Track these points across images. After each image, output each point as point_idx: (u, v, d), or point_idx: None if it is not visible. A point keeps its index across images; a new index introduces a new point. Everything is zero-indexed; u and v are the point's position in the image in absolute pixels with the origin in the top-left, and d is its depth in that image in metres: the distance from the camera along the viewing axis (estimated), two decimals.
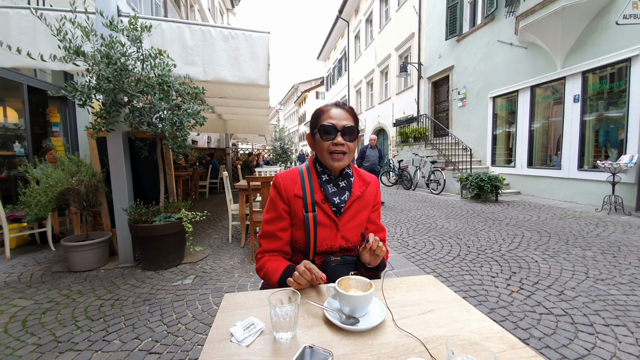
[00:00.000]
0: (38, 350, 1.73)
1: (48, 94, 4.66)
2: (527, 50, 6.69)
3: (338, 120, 1.05)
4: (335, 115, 1.06)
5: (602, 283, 2.44)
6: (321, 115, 1.09)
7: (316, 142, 1.10)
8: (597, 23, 5.34)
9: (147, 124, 2.78)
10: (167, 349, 1.72)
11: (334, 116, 1.06)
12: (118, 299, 2.35)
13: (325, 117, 1.07)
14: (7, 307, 2.24)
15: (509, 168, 7.49)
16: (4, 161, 4.31)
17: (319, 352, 0.58)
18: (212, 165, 9.12)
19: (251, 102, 5.53)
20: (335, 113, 1.07)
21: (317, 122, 1.09)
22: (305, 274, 0.88)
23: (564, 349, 1.66)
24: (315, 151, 1.13)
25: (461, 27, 8.72)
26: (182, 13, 10.26)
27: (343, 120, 1.06)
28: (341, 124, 1.05)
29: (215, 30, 2.99)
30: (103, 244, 3.04)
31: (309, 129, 1.16)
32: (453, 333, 0.72)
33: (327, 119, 1.06)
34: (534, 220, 4.57)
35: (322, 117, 1.08)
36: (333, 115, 1.06)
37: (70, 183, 2.82)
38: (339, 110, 1.07)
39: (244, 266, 3.02)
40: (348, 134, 1.06)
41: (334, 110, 1.07)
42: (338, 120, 1.05)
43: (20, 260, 3.28)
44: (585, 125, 5.73)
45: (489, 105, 7.96)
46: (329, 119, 1.06)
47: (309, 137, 1.15)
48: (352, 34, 17.31)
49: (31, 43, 2.67)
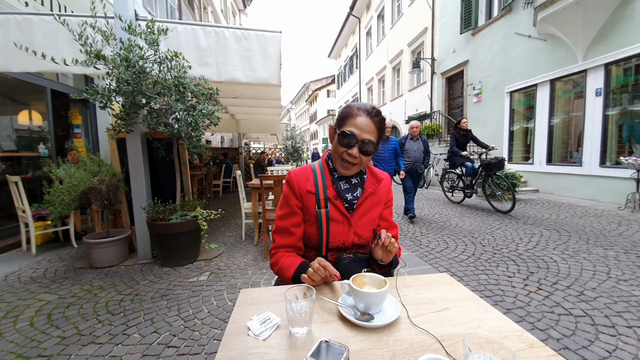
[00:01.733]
0: (62, 343, 1.81)
1: (70, 97, 4.89)
2: (546, 43, 6.46)
3: (362, 131, 1.02)
4: (360, 125, 1.02)
5: (624, 284, 2.34)
6: (348, 118, 1.05)
7: (334, 141, 1.09)
8: (621, 12, 5.09)
9: (164, 124, 2.86)
10: (185, 343, 1.78)
11: (359, 125, 1.02)
12: (137, 294, 2.43)
13: (351, 123, 1.04)
14: (34, 301, 2.36)
15: (526, 165, 7.27)
16: (30, 162, 4.51)
17: (335, 346, 0.59)
18: (225, 164, 9.27)
19: (263, 101, 5.59)
20: (362, 122, 1.03)
21: (342, 124, 1.06)
22: (320, 270, 0.89)
23: (583, 350, 1.61)
24: (332, 146, 1.13)
25: (476, 20, 8.50)
26: (195, 15, 10.44)
27: (366, 133, 1.02)
28: (363, 137, 1.02)
29: (228, 31, 3.03)
30: (123, 241, 3.15)
31: (335, 123, 1.12)
32: (469, 331, 0.71)
33: (351, 126, 1.03)
34: (553, 219, 4.43)
35: (348, 122, 1.05)
36: (359, 123, 1.03)
37: (92, 182, 2.93)
38: (367, 120, 1.03)
39: (257, 263, 3.07)
40: (366, 148, 1.03)
41: (362, 117, 1.03)
42: (362, 131, 1.02)
43: (45, 256, 3.44)
44: (607, 120, 5.49)
45: (505, 101, 7.74)
46: (353, 127, 1.03)
47: (331, 128, 1.13)
48: (363, 31, 17.17)
49: (54, 48, 2.78)
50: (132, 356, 1.67)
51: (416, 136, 4.77)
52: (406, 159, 4.66)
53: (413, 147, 4.72)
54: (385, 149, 4.39)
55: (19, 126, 4.55)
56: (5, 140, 4.32)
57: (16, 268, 3.09)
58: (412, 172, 4.74)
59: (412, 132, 4.78)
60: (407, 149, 4.72)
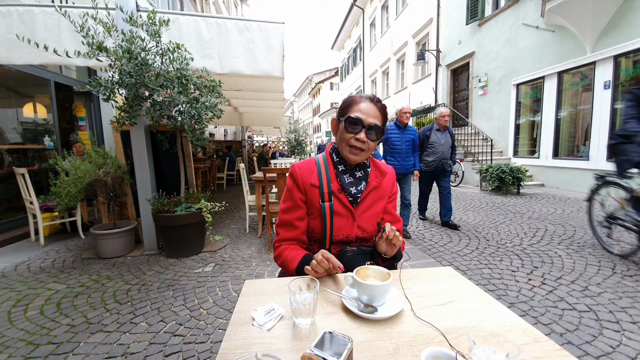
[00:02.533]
0: (72, 331, 1.85)
1: (74, 90, 4.90)
2: (554, 34, 6.31)
3: (367, 115, 1.03)
4: (365, 110, 1.03)
5: (629, 279, 2.33)
6: (352, 105, 1.06)
7: (339, 131, 1.09)
8: (631, 2, 4.94)
9: (167, 117, 2.86)
10: (190, 332, 1.81)
11: (364, 110, 1.03)
12: (144, 284, 2.47)
13: (356, 109, 1.04)
14: (43, 290, 2.41)
15: (532, 159, 7.19)
16: (36, 154, 4.56)
17: (339, 337, 0.59)
18: (229, 157, 9.29)
19: (266, 94, 5.56)
20: (366, 107, 1.04)
21: (346, 112, 1.07)
22: (323, 262, 0.89)
23: (587, 345, 1.61)
24: (337, 138, 1.12)
25: (483, 10, 8.31)
26: (197, 6, 10.33)
27: (372, 117, 1.03)
28: (369, 121, 1.02)
29: (230, 22, 3.00)
30: (129, 232, 3.19)
31: (337, 114, 1.12)
32: (473, 324, 0.71)
33: (356, 111, 1.04)
34: (558, 214, 4.40)
35: (353, 108, 1.05)
36: (363, 109, 1.03)
37: (98, 175, 2.95)
38: (370, 106, 1.04)
39: (260, 255, 3.09)
40: (373, 132, 1.04)
41: (365, 104, 1.04)
42: (367, 115, 1.03)
43: (53, 247, 3.50)
44: (616, 114, 5.39)
45: (512, 93, 7.61)
46: (359, 112, 1.03)
47: (334, 121, 1.12)
48: (367, 22, 16.89)
49: (56, 40, 2.77)
50: (139, 344, 1.70)
51: (444, 126, 3.81)
52: (431, 155, 3.78)
53: (440, 139, 3.76)
54: (403, 140, 3.56)
55: (24, 119, 4.58)
56: (11, 132, 4.36)
57: (25, 258, 3.15)
58: (439, 170, 3.85)
59: (441, 122, 3.78)
60: (433, 142, 3.76)
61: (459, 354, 0.57)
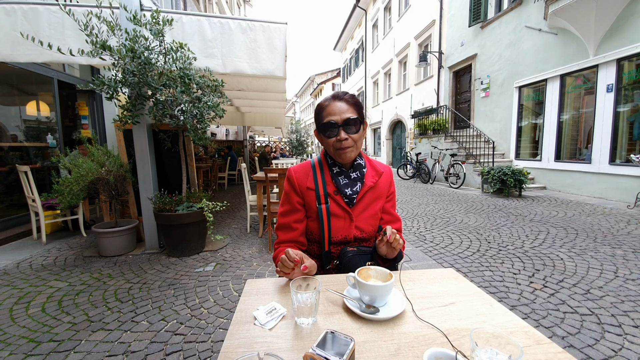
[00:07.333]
0: (73, 329, 1.86)
1: (77, 88, 4.91)
2: (557, 37, 6.30)
3: (338, 114, 1.02)
4: (334, 110, 1.03)
5: (632, 283, 2.32)
6: (321, 112, 1.06)
7: (322, 139, 1.09)
8: (635, 6, 4.93)
9: (170, 116, 2.86)
10: (191, 331, 1.81)
11: (332, 111, 1.03)
12: (145, 283, 2.47)
13: (325, 115, 1.05)
14: (45, 288, 2.41)
15: (534, 162, 7.17)
16: (38, 152, 4.57)
17: (341, 337, 0.59)
18: (230, 157, 9.29)
19: (268, 94, 5.56)
20: (334, 108, 1.03)
21: (319, 120, 1.07)
22: (286, 262, 0.87)
23: (588, 349, 1.61)
24: (323, 147, 1.13)
25: (486, 13, 8.31)
26: (200, 6, 10.36)
27: (343, 113, 1.02)
28: (342, 118, 1.02)
29: (233, 22, 3.00)
30: (131, 231, 3.19)
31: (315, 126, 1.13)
32: (475, 326, 0.71)
33: (326, 117, 1.04)
34: (560, 217, 4.38)
35: (322, 115, 1.06)
36: (332, 110, 1.03)
37: (100, 173, 2.96)
38: (337, 103, 1.04)
39: (261, 255, 3.09)
40: (351, 126, 1.03)
41: (332, 105, 1.04)
42: (338, 114, 1.02)
43: (55, 245, 3.51)
44: (618, 117, 5.37)
45: (514, 96, 7.60)
46: (328, 116, 1.04)
47: (316, 133, 1.13)
48: (369, 23, 16.90)
49: (60, 38, 2.78)
50: (140, 342, 1.71)
51: None
52: None
53: None
54: None
55: (27, 117, 4.60)
56: (14, 130, 4.37)
57: (27, 256, 3.16)
58: None
59: None
60: None
61: (460, 354, 0.57)
